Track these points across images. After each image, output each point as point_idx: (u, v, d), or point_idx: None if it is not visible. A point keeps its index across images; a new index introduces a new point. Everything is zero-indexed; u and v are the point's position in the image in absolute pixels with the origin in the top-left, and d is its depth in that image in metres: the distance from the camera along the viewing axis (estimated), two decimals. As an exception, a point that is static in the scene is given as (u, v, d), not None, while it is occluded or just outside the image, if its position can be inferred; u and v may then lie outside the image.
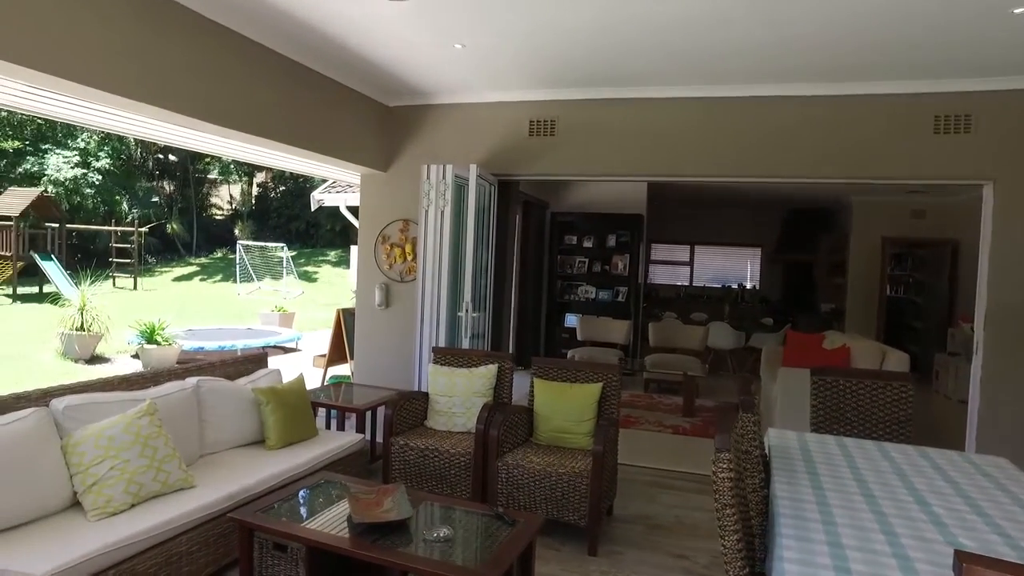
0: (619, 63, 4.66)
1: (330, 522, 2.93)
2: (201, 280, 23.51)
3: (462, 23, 4.05)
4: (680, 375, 7.69)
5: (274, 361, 10.07)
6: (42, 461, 3.01)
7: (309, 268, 24.03)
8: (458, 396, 4.48)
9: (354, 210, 11.52)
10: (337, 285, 22.06)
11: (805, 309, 12.44)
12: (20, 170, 21.48)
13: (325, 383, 6.55)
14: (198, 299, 18.96)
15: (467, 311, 5.03)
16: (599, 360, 7.87)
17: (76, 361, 9.36)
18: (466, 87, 5.43)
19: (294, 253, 23.21)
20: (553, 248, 10.08)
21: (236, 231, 26.67)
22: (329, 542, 2.72)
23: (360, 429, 4.60)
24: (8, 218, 16.84)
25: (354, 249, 16.59)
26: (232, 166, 27.79)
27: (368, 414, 4.77)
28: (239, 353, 9.78)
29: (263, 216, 29.15)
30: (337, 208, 11.48)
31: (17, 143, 21.81)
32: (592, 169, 5.45)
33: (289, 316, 13.39)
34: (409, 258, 5.76)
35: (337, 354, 6.45)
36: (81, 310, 9.58)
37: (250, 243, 21.63)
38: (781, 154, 5.00)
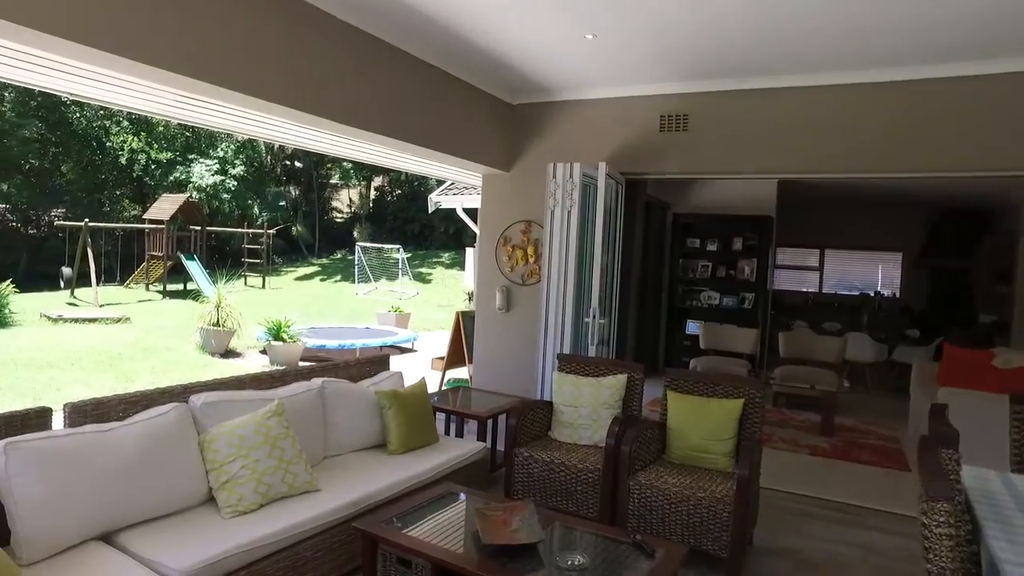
0: (760, 50, 4.26)
1: (456, 538, 2.77)
2: (321, 280, 24.68)
3: (597, 8, 3.81)
4: (813, 389, 7.04)
5: (391, 362, 10.31)
6: (182, 455, 3.06)
7: (423, 269, 24.61)
8: (584, 407, 4.23)
9: (471, 212, 11.57)
10: (450, 287, 22.43)
11: (960, 321, 11.18)
12: (171, 178, 23.46)
13: (443, 386, 6.51)
14: (319, 298, 19.86)
15: (594, 317, 4.77)
16: (729, 371, 7.36)
17: (212, 355, 9.95)
18: (593, 82, 5.19)
19: (409, 255, 23.86)
20: (674, 251, 9.61)
21: (355, 233, 27.80)
22: (456, 562, 2.55)
23: (481, 437, 4.45)
24: (161, 222, 18.37)
25: (469, 251, 16.81)
26: (352, 171, 29.02)
27: (489, 422, 4.62)
28: (358, 352, 10.04)
29: (380, 219, 30.25)
30: (452, 210, 11.58)
31: (169, 154, 23.83)
32: (727, 167, 5.04)
33: (405, 316, 13.66)
34: (531, 260, 5.59)
35: (456, 357, 6.39)
36: (217, 307, 10.17)
37: (368, 245, 22.44)
38: (937, 145, 4.38)
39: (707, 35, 4.08)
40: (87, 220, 17.06)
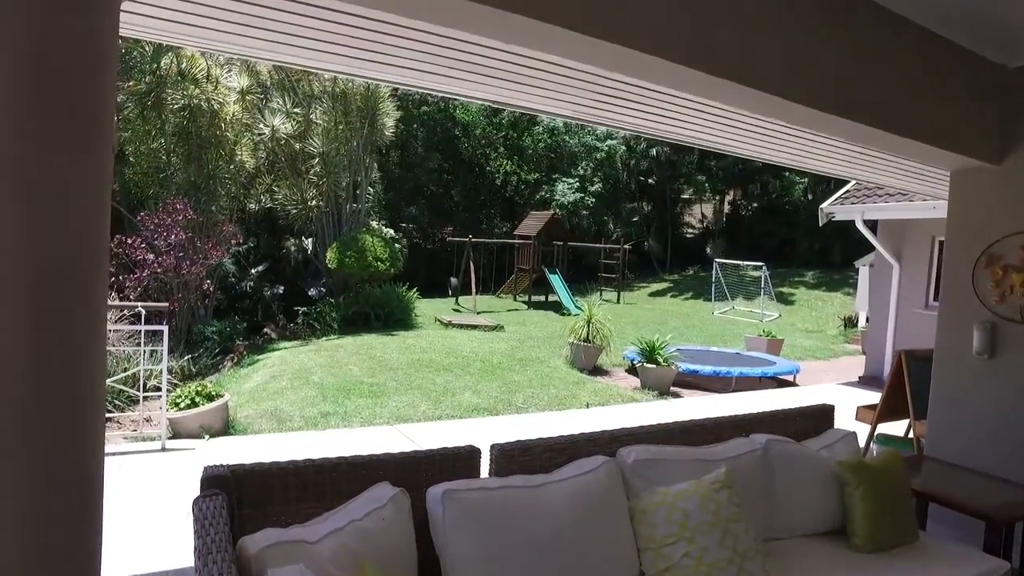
0: None
1: None
2: (672, 296, 24.09)
3: None
4: None
5: (770, 396, 9.10)
6: (612, 525, 2.47)
7: (784, 289, 22.31)
8: None
9: (871, 224, 9.64)
10: (818, 310, 19.84)
11: None
12: (537, 197, 25.43)
13: (871, 445, 5.11)
14: (673, 315, 19.22)
15: None
16: None
17: (581, 371, 9.89)
18: None
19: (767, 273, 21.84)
20: None
21: (707, 249, 26.66)
22: None
23: (990, 545, 3.06)
24: (529, 237, 19.81)
25: (863, 271, 14.39)
26: (706, 184, 27.96)
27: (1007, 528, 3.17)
28: (733, 382, 8.98)
29: (734, 234, 28.59)
30: (815, 225, 9.80)
31: (536, 175, 25.89)
32: None
33: (777, 343, 12.13)
34: (1038, 288, 3.91)
35: (892, 408, 4.95)
36: (588, 323, 10.11)
37: (725, 261, 21.09)
38: None
39: None
40: (470, 236, 19.17)
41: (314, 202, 14.88)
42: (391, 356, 9.60)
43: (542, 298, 19.72)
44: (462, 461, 2.51)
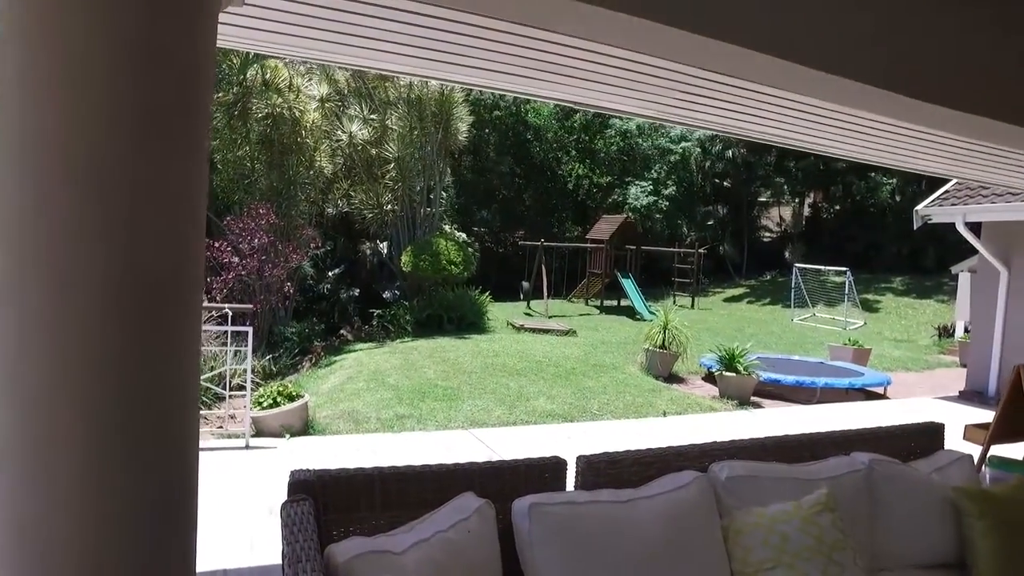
0: None
1: None
2: (749, 302, 23.29)
3: None
4: None
5: (862, 409, 8.56)
6: (705, 545, 2.33)
7: (869, 296, 21.21)
8: None
9: (974, 226, 8.99)
10: (908, 318, 18.76)
11: None
12: (609, 200, 25.14)
13: (983, 467, 4.71)
14: (750, 321, 18.58)
15: None
16: None
17: (656, 377, 9.65)
18: None
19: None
20: None
21: (786, 254, 25.67)
22: None
23: None
24: (601, 241, 19.59)
25: (962, 277, 13.51)
26: (785, 187, 26.93)
27: None
28: (818, 393, 8.54)
29: (814, 238, 27.42)
30: (904, 228, 9.18)
31: (609, 178, 25.61)
32: None
33: (864, 352, 11.50)
34: None
35: (1008, 428, 4.55)
36: (664, 329, 9.85)
37: (806, 266, 20.22)
38: None
39: None
40: (543, 240, 19.10)
41: (389, 206, 15.17)
42: (464, 360, 9.63)
43: (614, 303, 19.44)
44: (548, 472, 2.43)
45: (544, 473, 2.44)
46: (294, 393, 6.35)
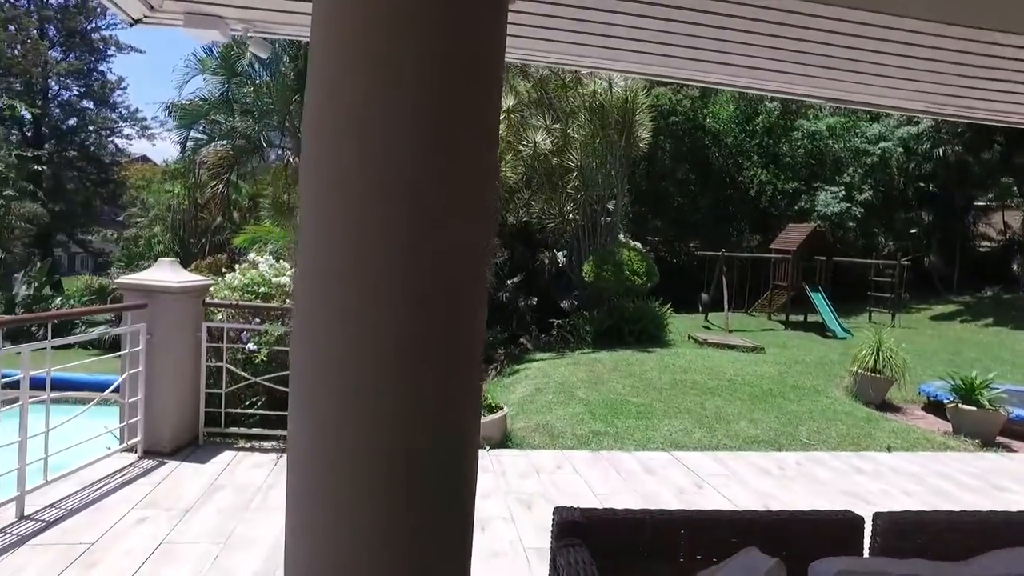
0: None
1: None
2: (963, 321, 20.49)
3: None
4: None
5: None
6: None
7: None
8: None
9: None
10: None
11: None
12: (795, 208, 23.40)
13: None
14: (967, 344, 16.31)
15: None
16: None
17: (867, 404, 8.70)
18: None
19: (1103, 297, 17.59)
20: None
21: (1013, 266, 22.33)
22: None
23: None
24: (786, 251, 18.27)
25: None
26: (1014, 187, 23.45)
27: None
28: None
29: (1048, 248, 23.61)
30: None
31: (795, 183, 23.86)
32: None
33: None
34: None
35: None
36: (876, 350, 8.87)
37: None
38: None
39: None
40: (723, 250, 18.19)
41: (571, 215, 15.22)
42: (652, 374, 9.33)
43: (800, 317, 18.05)
44: (840, 530, 2.14)
45: (836, 531, 2.15)
46: (493, 404, 6.45)
